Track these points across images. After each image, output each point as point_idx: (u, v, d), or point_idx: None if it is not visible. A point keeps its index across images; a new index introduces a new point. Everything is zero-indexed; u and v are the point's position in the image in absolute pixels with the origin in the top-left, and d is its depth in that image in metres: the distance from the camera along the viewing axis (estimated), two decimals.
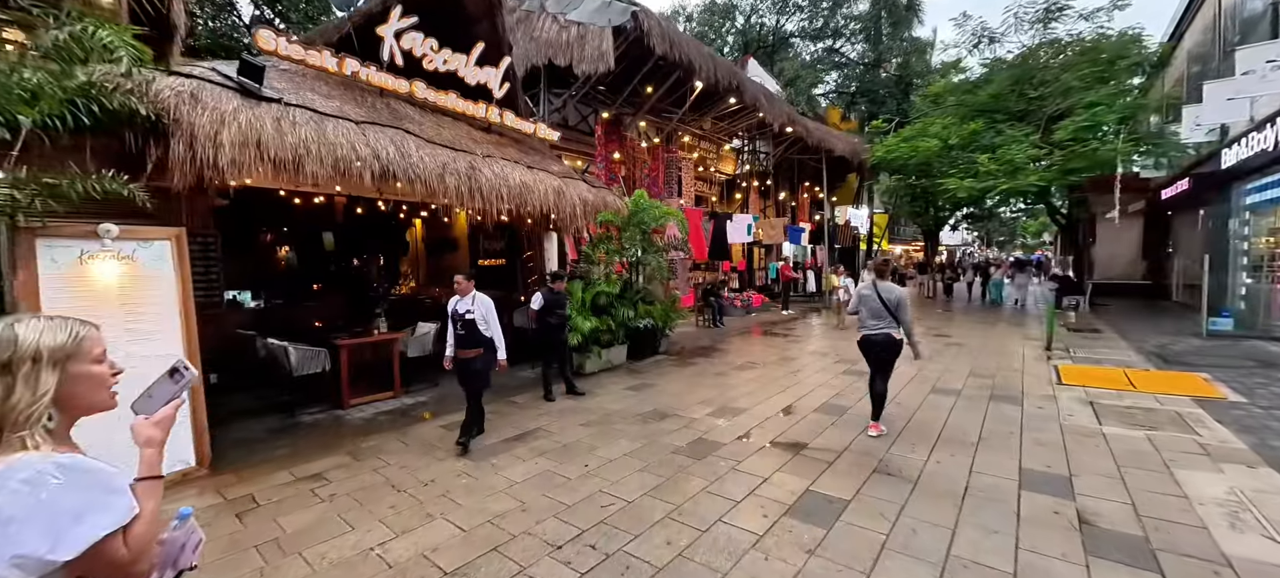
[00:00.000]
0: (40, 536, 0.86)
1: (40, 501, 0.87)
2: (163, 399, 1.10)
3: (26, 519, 0.86)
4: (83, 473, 0.93)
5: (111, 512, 0.93)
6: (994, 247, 55.89)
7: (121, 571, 0.94)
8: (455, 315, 4.58)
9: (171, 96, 4.27)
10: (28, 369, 0.95)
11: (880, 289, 4.64)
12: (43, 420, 0.95)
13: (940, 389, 6.19)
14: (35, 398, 0.95)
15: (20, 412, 0.93)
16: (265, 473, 4.10)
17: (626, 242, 7.96)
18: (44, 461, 0.91)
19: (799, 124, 14.58)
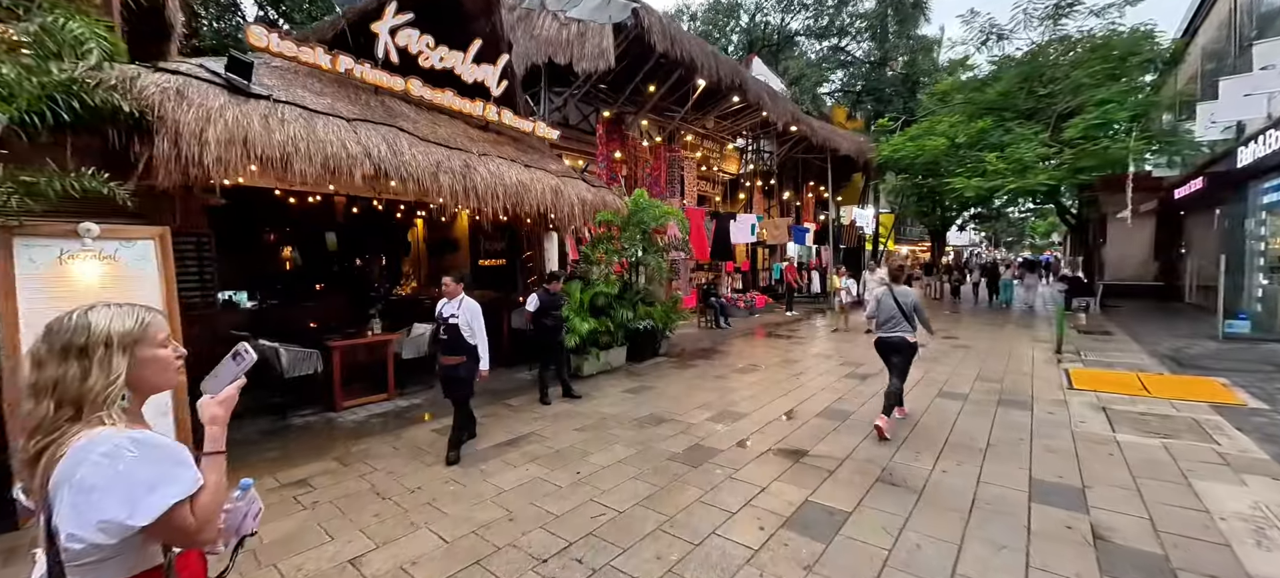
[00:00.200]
0: (119, 503, 0.93)
1: (118, 472, 0.95)
2: (226, 380, 1.20)
3: (107, 489, 0.94)
4: (154, 448, 1.01)
5: (180, 483, 1.00)
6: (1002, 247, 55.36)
7: (189, 537, 1.02)
8: (439, 319, 4.43)
9: (156, 93, 4.18)
10: (102, 354, 1.03)
11: (896, 293, 4.81)
12: (118, 401, 1.04)
13: (947, 393, 6.02)
14: (109, 381, 1.03)
15: (97, 393, 1.01)
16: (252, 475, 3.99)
17: (626, 241, 7.83)
18: (120, 435, 0.99)
19: (803, 123, 14.40)
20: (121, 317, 1.09)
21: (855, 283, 12.40)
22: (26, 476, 1.02)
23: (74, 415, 1.01)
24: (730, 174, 17.24)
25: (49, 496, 0.96)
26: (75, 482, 0.94)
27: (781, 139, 16.40)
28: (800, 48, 26.15)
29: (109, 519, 0.93)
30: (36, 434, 1.00)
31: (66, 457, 0.96)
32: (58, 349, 1.03)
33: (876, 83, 23.06)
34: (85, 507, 0.93)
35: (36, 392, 1.02)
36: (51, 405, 1.00)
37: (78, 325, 1.05)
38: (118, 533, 0.94)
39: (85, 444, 0.97)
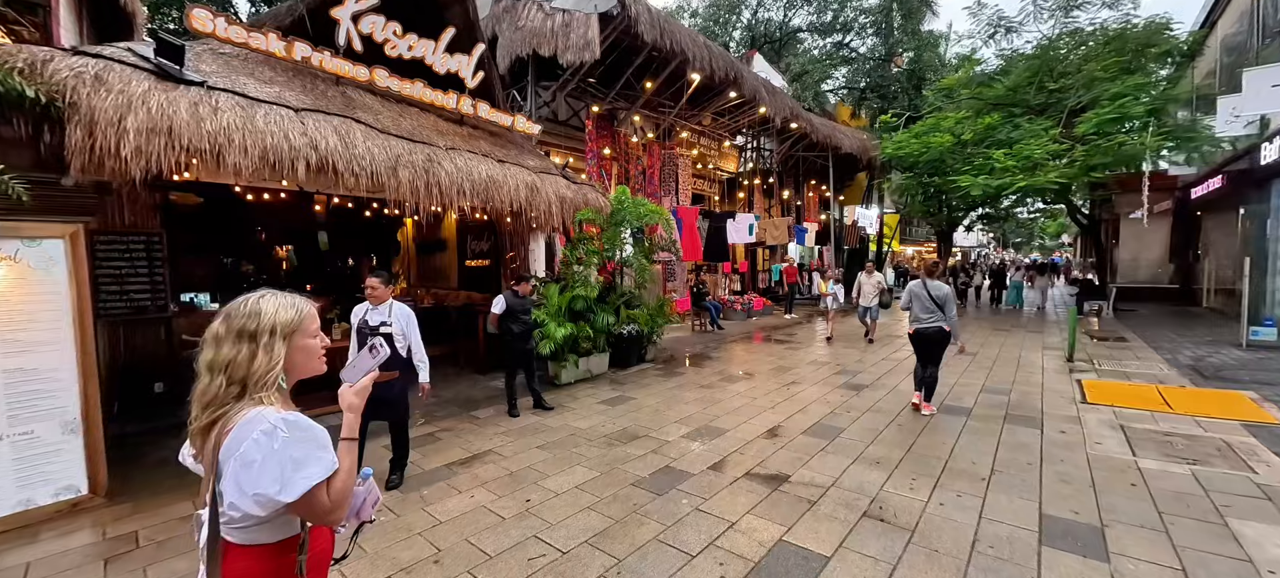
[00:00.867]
0: (272, 479, 1.05)
1: (273, 450, 1.06)
2: (362, 371, 1.24)
3: (264, 464, 1.05)
4: (302, 430, 1.10)
5: (321, 464, 1.09)
6: (1010, 248, 54.43)
7: (324, 515, 1.11)
8: (365, 330, 3.75)
9: (70, 77, 3.80)
10: (267, 339, 1.14)
11: (929, 287, 5.22)
12: (277, 382, 1.15)
13: (949, 407, 5.54)
14: (271, 364, 1.14)
15: (260, 375, 1.12)
16: (166, 504, 3.60)
17: (607, 242, 7.39)
18: (276, 416, 1.09)
19: (803, 119, 13.91)
20: (285, 307, 1.19)
21: (843, 288, 11.48)
22: (198, 443, 1.13)
23: (240, 393, 1.11)
24: (728, 173, 16.78)
25: (218, 464, 1.06)
26: (238, 455, 1.04)
27: (782, 136, 15.92)
28: (803, 44, 25.61)
29: (262, 492, 1.03)
30: (210, 406, 1.11)
31: (232, 432, 1.06)
32: (233, 332, 1.13)
33: (881, 79, 22.48)
34: (245, 479, 1.03)
35: (212, 368, 1.12)
36: (223, 382, 1.10)
37: (251, 311, 1.15)
38: (268, 506, 1.04)
39: (250, 421, 1.06)
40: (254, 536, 1.11)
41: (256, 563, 1.12)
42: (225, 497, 1.06)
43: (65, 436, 3.59)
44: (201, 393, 1.13)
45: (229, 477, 1.05)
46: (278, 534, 1.13)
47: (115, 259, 5.77)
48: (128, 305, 5.85)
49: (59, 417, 3.57)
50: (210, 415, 1.11)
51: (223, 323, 1.16)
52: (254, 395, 1.12)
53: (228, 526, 1.11)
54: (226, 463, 1.05)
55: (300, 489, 1.05)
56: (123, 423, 5.44)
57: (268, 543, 1.13)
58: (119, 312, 5.80)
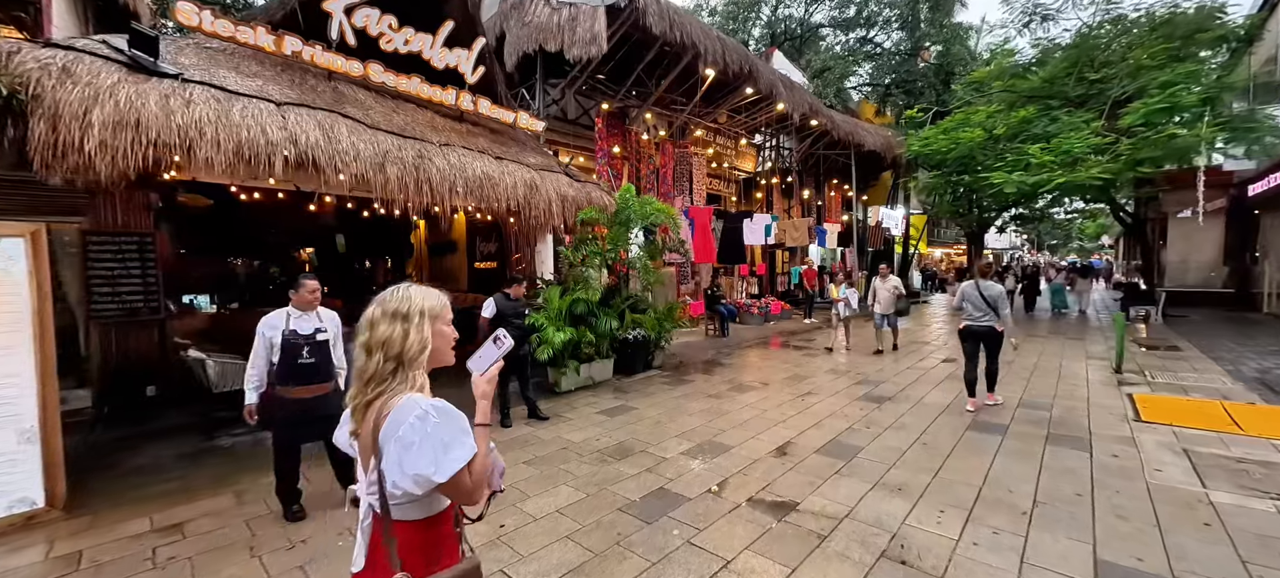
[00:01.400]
0: (427, 460, 1.12)
1: (428, 433, 1.13)
2: (488, 361, 1.30)
3: (420, 446, 1.12)
4: (448, 415, 1.17)
5: (465, 448, 1.15)
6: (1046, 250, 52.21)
7: (466, 494, 1.18)
8: (297, 339, 3.33)
9: (36, 69, 3.65)
10: (418, 320, 1.24)
11: (982, 288, 5.41)
12: (423, 361, 1.24)
13: (982, 424, 5.00)
14: (422, 342, 1.24)
15: (412, 353, 1.22)
16: (123, 519, 3.38)
17: (610, 242, 7.04)
18: (427, 402, 1.17)
19: (823, 115, 13.35)
20: (429, 294, 1.30)
21: (856, 292, 10.18)
22: (358, 420, 1.22)
23: (395, 368, 1.20)
24: (746, 172, 16.28)
25: (379, 445, 1.16)
26: (398, 438, 1.14)
27: (801, 134, 15.36)
28: (825, 41, 24.91)
29: (419, 473, 1.12)
30: (371, 384, 1.21)
31: (390, 417, 1.16)
32: (388, 314, 1.23)
33: (907, 75, 21.62)
34: (405, 460, 1.13)
35: (370, 348, 1.22)
36: (381, 358, 1.21)
37: (402, 296, 1.26)
38: (425, 485, 1.14)
39: (405, 406, 1.16)
40: (407, 512, 1.21)
41: (413, 535, 1.21)
42: (388, 476, 1.15)
43: (21, 445, 3.39)
44: (362, 371, 1.22)
45: (392, 459, 1.13)
46: (428, 511, 1.23)
47: (107, 260, 5.68)
48: (119, 307, 5.75)
49: (15, 425, 3.38)
50: (371, 392, 1.20)
51: (377, 308, 1.25)
52: (408, 372, 1.21)
53: (392, 503, 1.19)
54: (386, 445, 1.14)
55: (450, 471, 1.12)
56: (110, 427, 5.33)
57: (419, 518, 1.22)
58: (111, 314, 5.70)
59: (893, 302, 8.86)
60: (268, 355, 3.39)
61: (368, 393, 1.20)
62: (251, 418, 3.42)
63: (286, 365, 3.37)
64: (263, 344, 3.37)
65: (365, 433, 1.20)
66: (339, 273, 16.97)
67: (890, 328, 9.00)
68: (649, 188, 11.80)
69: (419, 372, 1.23)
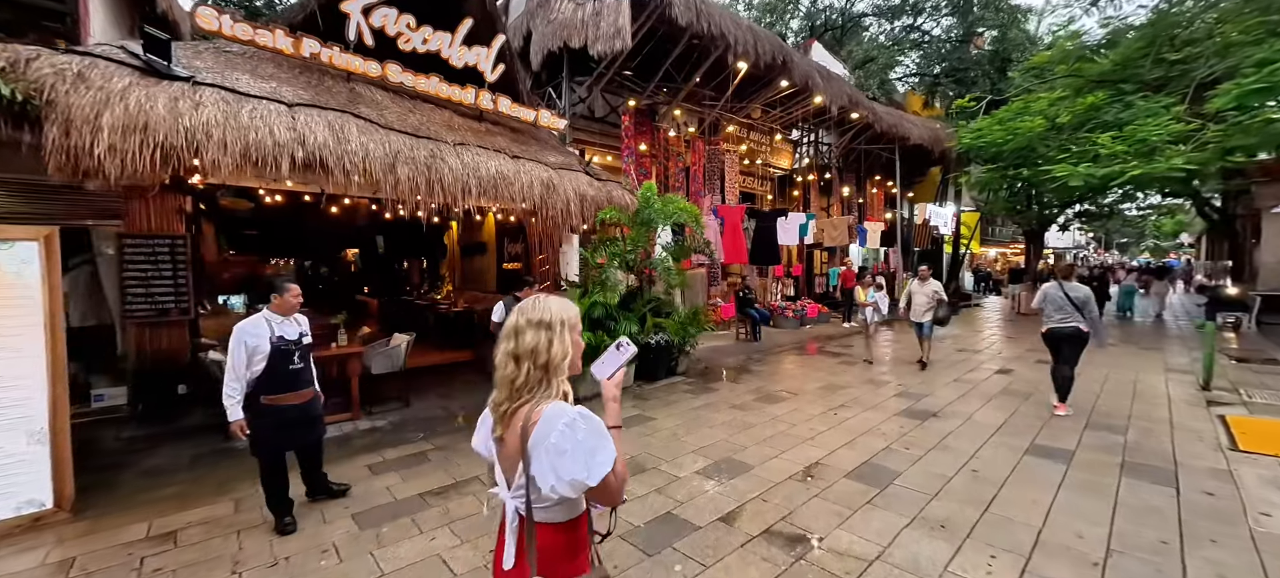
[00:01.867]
0: (579, 465, 1.17)
1: (578, 440, 1.18)
2: (612, 366, 1.36)
3: (571, 452, 1.17)
4: (591, 421, 1.21)
5: (609, 452, 1.21)
6: (1114, 249, 48.35)
7: (611, 496, 1.25)
8: (286, 345, 3.27)
9: (51, 75, 3.69)
10: (560, 329, 1.29)
11: (1066, 289, 5.27)
12: (567, 368, 1.29)
13: (1041, 449, 4.41)
14: (566, 349, 1.29)
15: (557, 360, 1.27)
16: (124, 524, 3.35)
17: (631, 243, 6.75)
18: (572, 410, 1.22)
19: (864, 108, 12.63)
20: (565, 305, 1.34)
21: (886, 294, 9.13)
22: (503, 426, 1.26)
23: (542, 377, 1.25)
24: (781, 170, 15.64)
25: (527, 450, 1.20)
26: (549, 445, 1.18)
27: (841, 128, 14.62)
28: (868, 31, 23.78)
29: (577, 477, 1.16)
30: (519, 390, 1.25)
31: (539, 423, 1.20)
32: (533, 322, 1.27)
33: (958, 63, 20.29)
34: (560, 465, 1.17)
35: (518, 356, 1.26)
36: (530, 366, 1.24)
37: (543, 306, 1.31)
38: (578, 488, 1.19)
39: (553, 413, 1.20)
40: (551, 515, 1.25)
41: (556, 538, 1.26)
42: (540, 480, 1.19)
43: (31, 446, 3.42)
44: (509, 379, 1.25)
45: (544, 464, 1.18)
46: (569, 514, 1.28)
47: (141, 262, 5.83)
48: (152, 308, 5.90)
49: (25, 427, 3.42)
50: (519, 400, 1.24)
51: (520, 317, 1.29)
52: (553, 380, 1.25)
53: (538, 505, 1.24)
54: (536, 450, 1.19)
55: (600, 474, 1.17)
56: (143, 424, 5.47)
57: (561, 522, 1.27)
58: (143, 314, 5.85)
59: (930, 307, 7.82)
60: (247, 365, 3.23)
61: (515, 400, 1.25)
62: (243, 433, 3.18)
63: (276, 373, 3.27)
64: (243, 354, 3.19)
65: (512, 439, 1.24)
66: (379, 273, 17.54)
67: (926, 337, 7.98)
68: (678, 187, 11.46)
69: (563, 379, 1.28)
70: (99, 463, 4.39)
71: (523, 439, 1.20)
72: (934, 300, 7.77)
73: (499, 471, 1.32)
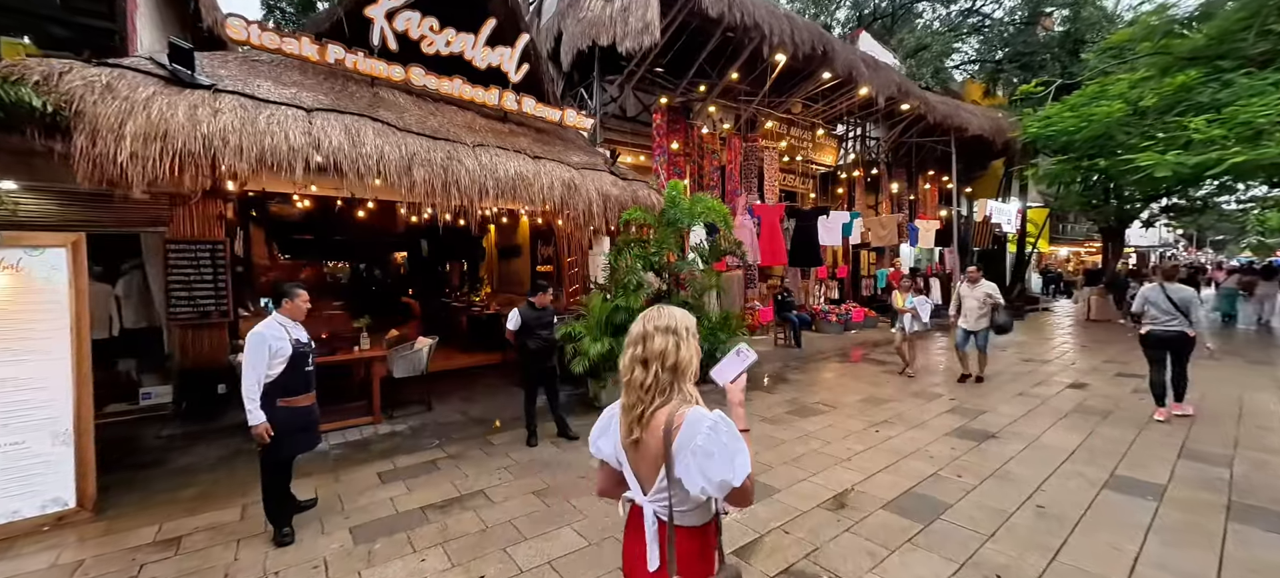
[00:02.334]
0: (726, 466, 1.18)
1: (722, 442, 1.20)
2: (731, 372, 1.38)
3: (717, 454, 1.19)
4: (728, 425, 1.23)
5: (746, 454, 1.22)
6: (1208, 248, 43.59)
7: (748, 498, 1.25)
8: (303, 348, 3.32)
9: (81, 87, 3.81)
10: (685, 335, 1.33)
11: (1169, 290, 5.10)
12: (694, 371, 1.33)
13: (1124, 481, 3.78)
14: (690, 355, 1.33)
15: (686, 364, 1.31)
16: (137, 526, 3.39)
17: (656, 245, 6.46)
18: (712, 413, 1.24)
19: (915, 97, 11.78)
20: (685, 313, 1.37)
21: (926, 298, 8.00)
22: (638, 429, 1.29)
23: (671, 380, 1.28)
24: (824, 166, 14.89)
25: (671, 453, 1.22)
26: (696, 447, 1.20)
27: (891, 121, 13.77)
28: (921, 19, 22.42)
29: (725, 479, 1.18)
30: (650, 394, 1.28)
31: (682, 426, 1.22)
32: (660, 328, 1.31)
33: (1023, 48, 18.72)
34: (708, 468, 1.19)
35: (647, 359, 1.30)
36: (658, 369, 1.28)
37: (667, 313, 1.35)
38: (725, 489, 1.20)
39: (695, 417, 1.23)
40: (688, 519, 1.30)
41: (692, 541, 1.30)
42: (687, 482, 1.22)
43: (56, 446, 3.52)
44: (638, 382, 1.29)
45: (691, 467, 1.20)
46: (702, 518, 1.33)
47: (184, 266, 6.08)
48: (194, 310, 6.13)
49: (50, 427, 3.52)
50: (650, 402, 1.28)
51: (647, 324, 1.33)
52: (682, 383, 1.30)
53: (679, 507, 1.28)
54: (681, 453, 1.22)
55: (743, 474, 1.20)
56: (185, 422, 5.68)
57: (697, 525, 1.32)
58: (186, 316, 6.09)
59: (985, 313, 6.69)
60: (267, 367, 3.23)
61: (647, 403, 1.27)
62: (268, 436, 3.16)
63: (295, 375, 3.29)
64: (265, 356, 3.19)
65: (652, 442, 1.26)
66: (423, 275, 18.13)
67: (977, 349, 6.81)
68: (713, 186, 11.07)
69: (691, 383, 1.30)
70: (135, 461, 4.53)
71: (666, 443, 1.22)
72: (988, 305, 6.70)
73: (630, 473, 1.34)
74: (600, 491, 1.48)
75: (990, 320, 6.70)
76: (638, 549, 1.34)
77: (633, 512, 1.39)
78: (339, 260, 18.80)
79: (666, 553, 1.27)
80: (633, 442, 1.30)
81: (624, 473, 1.36)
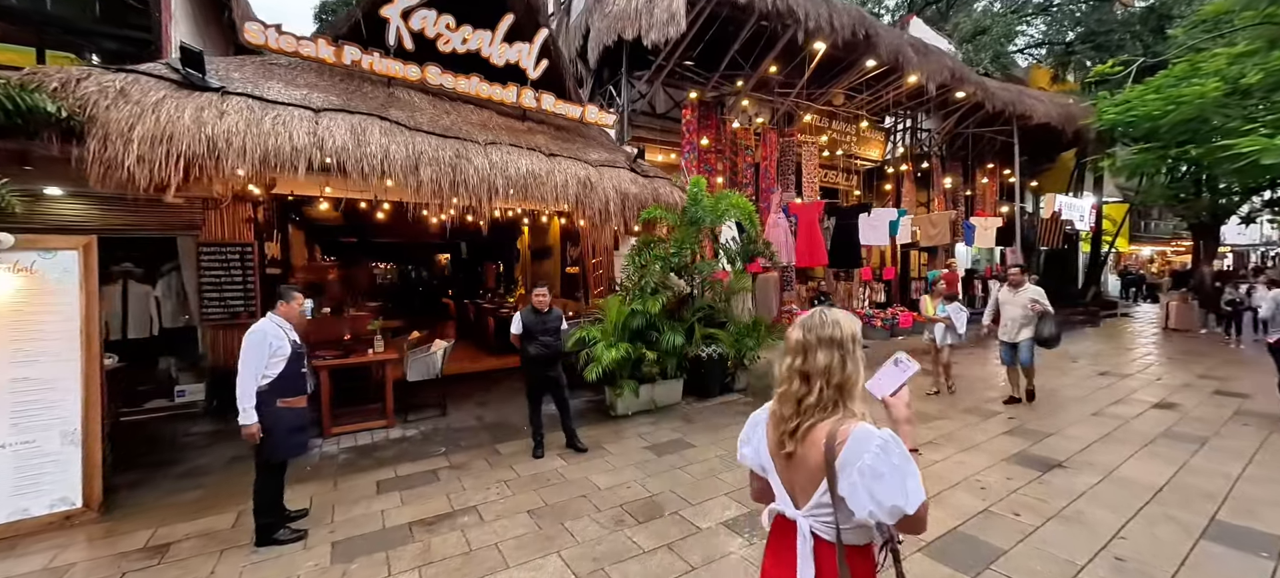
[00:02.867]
0: (897, 490, 1.10)
1: (893, 464, 1.11)
2: (890, 383, 1.33)
3: (887, 476, 1.11)
4: (898, 445, 1.14)
5: (917, 477, 1.13)
6: None
7: (921, 526, 1.16)
8: (299, 350, 3.32)
9: (95, 93, 3.87)
10: (851, 347, 1.24)
11: None
12: (861, 388, 1.25)
13: (1228, 530, 3.11)
14: (858, 370, 1.25)
15: (852, 380, 1.22)
16: (133, 529, 3.38)
17: (676, 245, 6.09)
18: (882, 432, 1.15)
19: (971, 83, 10.84)
20: (852, 319, 1.28)
21: (963, 305, 7.04)
22: (795, 443, 1.22)
23: (836, 397, 1.20)
24: (870, 161, 14.02)
25: (834, 469, 1.15)
26: (863, 467, 1.11)
27: (945, 110, 12.77)
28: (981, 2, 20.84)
29: (896, 504, 1.10)
30: (810, 410, 1.21)
31: (848, 444, 1.14)
32: (824, 340, 1.23)
33: (1097, 26, 17.00)
34: (876, 490, 1.10)
35: (808, 374, 1.22)
36: (822, 385, 1.20)
37: (831, 322, 1.25)
38: (896, 515, 1.10)
39: (862, 434, 1.14)
40: (858, 538, 1.22)
41: (857, 562, 1.22)
42: (851, 502, 1.14)
43: (64, 446, 3.57)
44: (796, 396, 1.23)
45: (858, 487, 1.12)
46: (866, 538, 1.24)
47: (215, 268, 6.26)
48: (224, 311, 6.31)
49: (59, 427, 3.56)
50: (809, 417, 1.21)
51: (808, 334, 1.25)
52: (848, 403, 1.21)
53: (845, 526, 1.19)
54: (844, 471, 1.14)
55: (917, 501, 1.11)
56: (216, 419, 5.82)
57: (862, 545, 1.23)
58: (216, 316, 6.27)
59: (1028, 322, 5.66)
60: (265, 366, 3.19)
61: (804, 418, 1.21)
62: (256, 437, 3.16)
63: (292, 376, 3.28)
64: (265, 354, 3.17)
65: (811, 455, 1.20)
66: (462, 276, 18.55)
67: (1021, 367, 5.81)
68: (747, 183, 10.57)
69: (858, 401, 1.22)
70: (154, 459, 4.61)
71: (828, 458, 1.16)
72: (1031, 312, 5.63)
73: (779, 484, 1.29)
74: (754, 496, 1.44)
75: (1034, 331, 5.64)
76: (784, 563, 1.26)
77: (778, 524, 1.31)
78: (384, 262, 19.49)
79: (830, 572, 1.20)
80: (785, 455, 1.25)
81: (770, 483, 1.30)
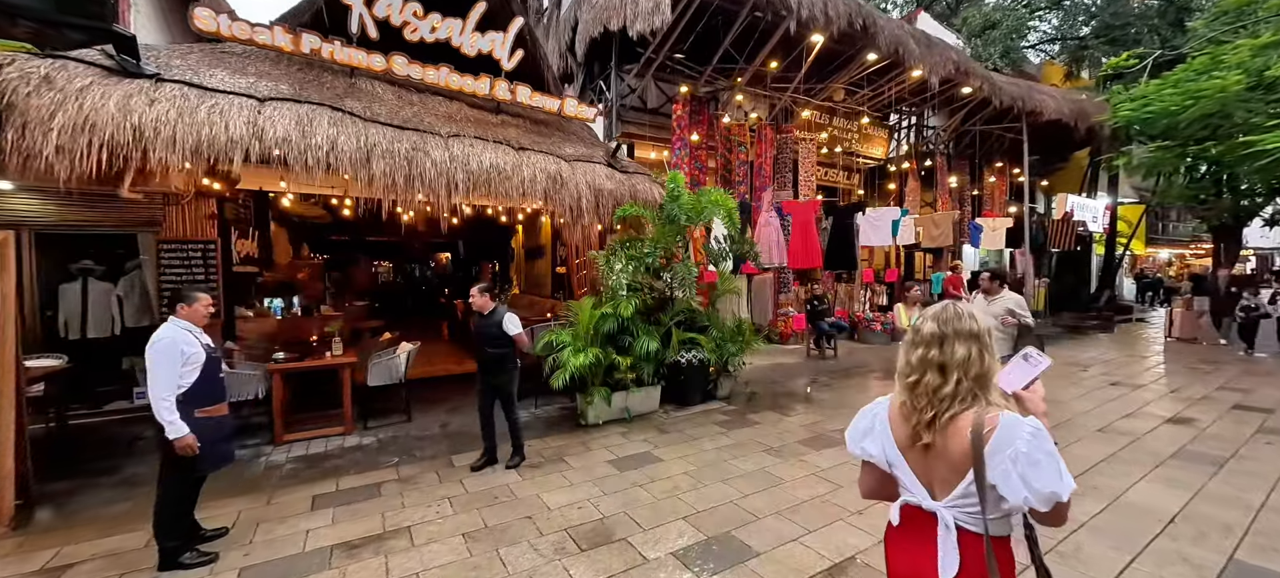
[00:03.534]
0: (1052, 477, 1.08)
1: (1047, 451, 1.10)
2: (1020, 377, 1.25)
3: (1042, 462, 1.09)
4: (1046, 434, 1.12)
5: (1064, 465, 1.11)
6: None
7: (1065, 516, 1.13)
8: (214, 354, 3.14)
9: (16, 79, 3.62)
10: (987, 339, 1.23)
11: None
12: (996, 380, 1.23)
13: (1250, 573, 2.72)
14: (994, 361, 1.23)
15: (989, 372, 1.21)
16: (40, 547, 3.12)
17: (651, 244, 5.76)
18: (1026, 419, 1.13)
19: (977, 78, 10.38)
20: (982, 313, 1.27)
21: None
22: (926, 432, 1.22)
23: (974, 389, 1.19)
24: (873, 159, 13.58)
25: (983, 457, 1.13)
26: (1016, 453, 1.10)
27: (951, 106, 12.32)
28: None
29: (1052, 490, 1.08)
30: (949, 403, 1.19)
31: (998, 430, 1.13)
32: (962, 333, 1.21)
33: (1113, 19, 16.36)
34: (1032, 476, 1.08)
35: (945, 366, 1.21)
36: (960, 377, 1.19)
37: (967, 314, 1.25)
38: (1051, 502, 1.08)
39: (1011, 422, 1.13)
40: (1003, 528, 1.20)
41: (1004, 553, 1.20)
42: (1004, 489, 1.12)
43: None
44: (932, 387, 1.21)
45: (1012, 473, 1.10)
46: (1006, 529, 1.22)
47: (176, 266, 6.02)
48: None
49: None
50: (948, 408, 1.19)
51: (944, 327, 1.24)
52: (986, 394, 1.19)
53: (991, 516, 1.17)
54: (994, 458, 1.12)
55: (1069, 490, 1.09)
56: None
57: (1005, 535, 1.21)
58: None
59: (1003, 338, 4.66)
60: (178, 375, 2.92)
61: (941, 409, 1.20)
62: (195, 449, 2.89)
63: (208, 383, 3.03)
64: (178, 362, 2.91)
65: (955, 445, 1.18)
66: (459, 274, 18.37)
67: None
68: (741, 181, 10.21)
69: (996, 393, 1.22)
70: (94, 466, 4.38)
71: (975, 446, 1.14)
72: (1007, 326, 4.78)
73: (912, 477, 1.27)
74: (866, 492, 1.41)
75: (1012, 346, 4.69)
76: (919, 556, 1.24)
77: (909, 517, 1.29)
78: (380, 260, 19.35)
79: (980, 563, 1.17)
80: (923, 446, 1.23)
81: (898, 476, 1.30)
